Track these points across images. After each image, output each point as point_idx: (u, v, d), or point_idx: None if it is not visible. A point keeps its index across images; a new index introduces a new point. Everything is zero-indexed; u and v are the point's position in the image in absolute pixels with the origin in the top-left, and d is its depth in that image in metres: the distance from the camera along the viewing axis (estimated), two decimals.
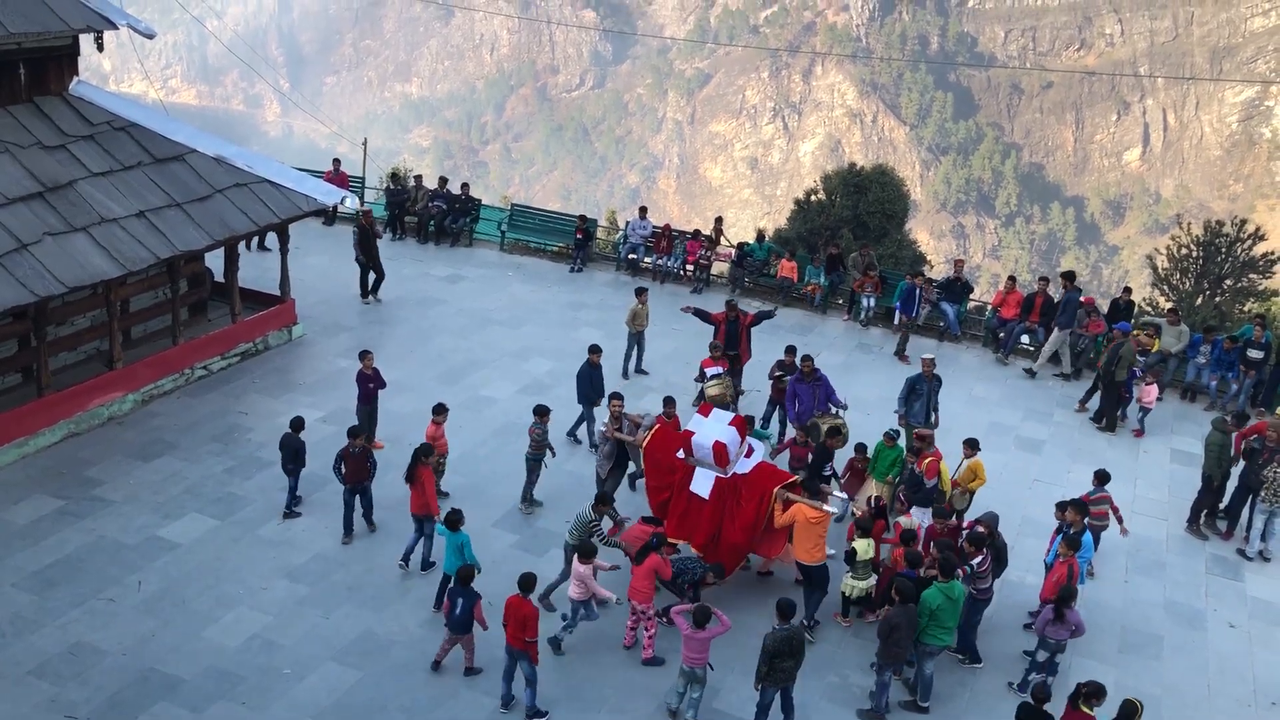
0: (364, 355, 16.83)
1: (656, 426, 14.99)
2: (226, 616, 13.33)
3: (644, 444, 14.78)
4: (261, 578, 14.06)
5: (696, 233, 25.13)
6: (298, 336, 20.93)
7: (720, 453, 13.95)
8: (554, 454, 16.04)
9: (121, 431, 17.26)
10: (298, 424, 15.25)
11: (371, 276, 22.67)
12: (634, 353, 20.19)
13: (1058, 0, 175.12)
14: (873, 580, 13.47)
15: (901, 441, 15.72)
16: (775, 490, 13.78)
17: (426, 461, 14.34)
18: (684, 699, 11.93)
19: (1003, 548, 13.52)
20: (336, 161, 27.21)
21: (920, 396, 17.10)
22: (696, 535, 14.09)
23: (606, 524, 13.86)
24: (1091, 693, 10.81)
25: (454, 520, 13.08)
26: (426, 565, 14.39)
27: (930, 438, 15.18)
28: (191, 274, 19.51)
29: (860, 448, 15.59)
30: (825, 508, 13.45)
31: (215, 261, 20.23)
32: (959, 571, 12.58)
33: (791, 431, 16.91)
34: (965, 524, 14.11)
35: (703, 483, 14.12)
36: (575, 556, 12.73)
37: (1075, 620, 12.36)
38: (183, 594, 13.67)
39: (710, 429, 14.21)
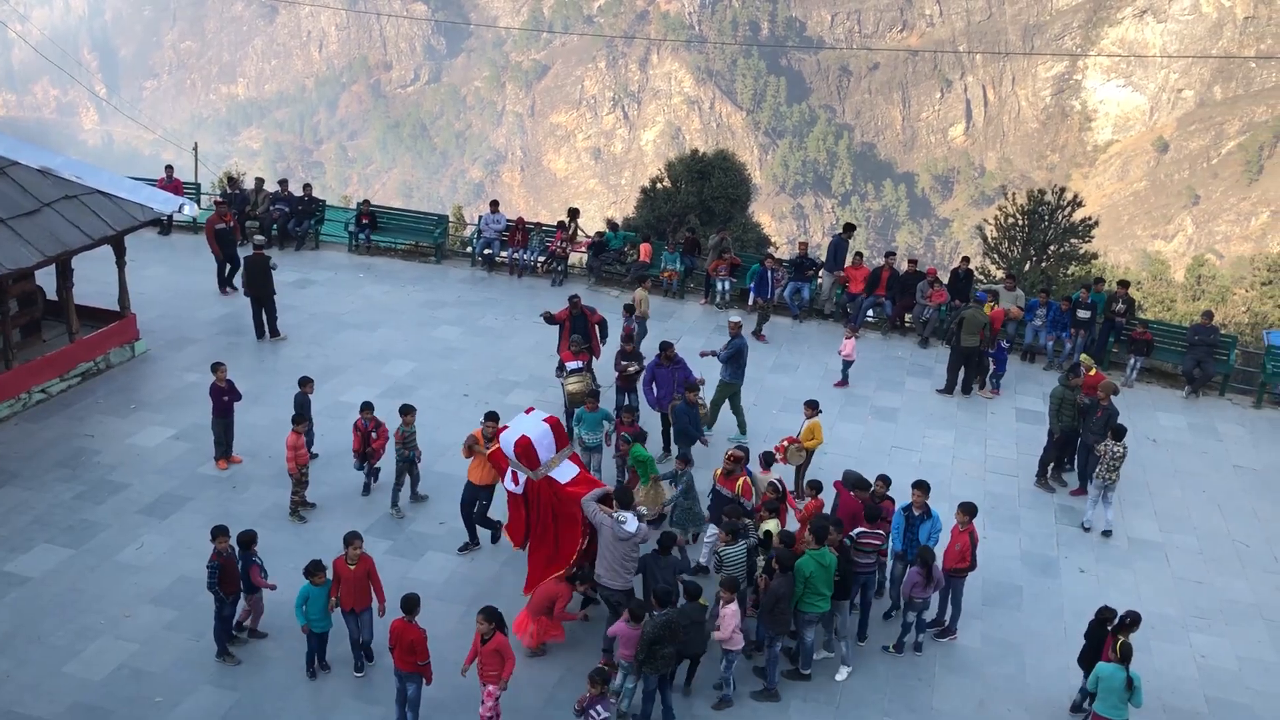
0: (216, 367, 16.26)
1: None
2: (88, 649, 12.73)
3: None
4: (123, 605, 13.46)
5: (561, 224, 25.11)
6: (141, 353, 20.05)
7: (524, 450, 13.12)
8: (419, 456, 15.79)
9: None
10: (305, 382, 16.20)
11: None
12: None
13: None
14: None
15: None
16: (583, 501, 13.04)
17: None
18: (625, 694, 11.98)
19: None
20: (169, 168, 26.15)
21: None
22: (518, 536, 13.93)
23: None
24: (1131, 622, 11.83)
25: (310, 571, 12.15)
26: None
27: (742, 459, 14.20)
28: (21, 293, 18.46)
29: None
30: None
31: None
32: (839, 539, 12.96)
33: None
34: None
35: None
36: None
37: (939, 576, 12.99)
38: (37, 629, 12.99)
39: (520, 425, 13.46)
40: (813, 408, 16.18)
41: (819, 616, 12.66)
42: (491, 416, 14.51)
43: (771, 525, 13.42)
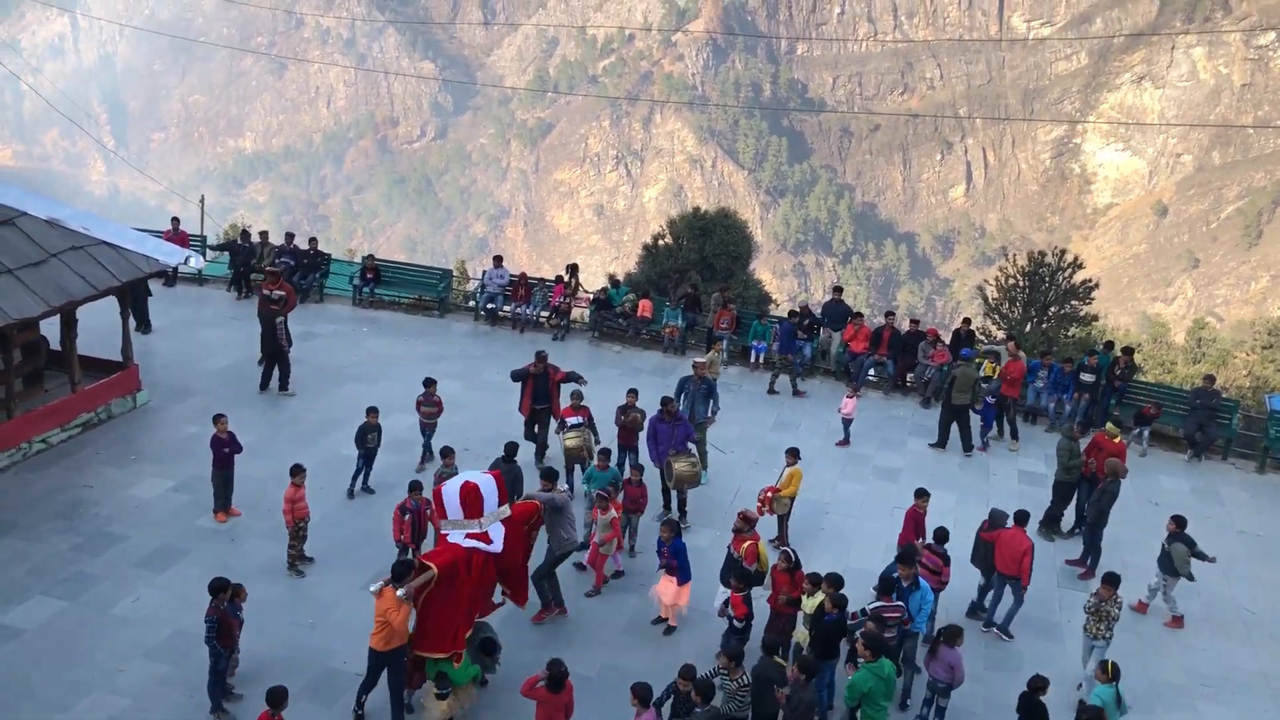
0: (218, 419, 16.24)
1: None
2: (80, 704, 12.55)
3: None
4: (117, 659, 13.30)
5: (559, 278, 25.28)
6: (143, 403, 20.04)
7: (470, 493, 12.85)
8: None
9: None
10: (371, 411, 17.09)
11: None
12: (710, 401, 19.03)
13: (881, 47, 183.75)
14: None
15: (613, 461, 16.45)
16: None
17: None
18: None
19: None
20: (175, 220, 26.34)
21: (687, 395, 18.09)
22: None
23: None
24: (1038, 687, 11.83)
25: None
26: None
27: (753, 520, 14.27)
28: (25, 343, 18.48)
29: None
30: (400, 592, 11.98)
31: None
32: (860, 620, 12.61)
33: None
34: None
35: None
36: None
37: (951, 661, 12.41)
38: (29, 683, 12.82)
39: (460, 478, 13.30)
40: (794, 455, 16.26)
41: None
42: (403, 567, 12.22)
43: (818, 600, 12.76)
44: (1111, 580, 13.59)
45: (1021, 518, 14.82)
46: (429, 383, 18.39)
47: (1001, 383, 20.80)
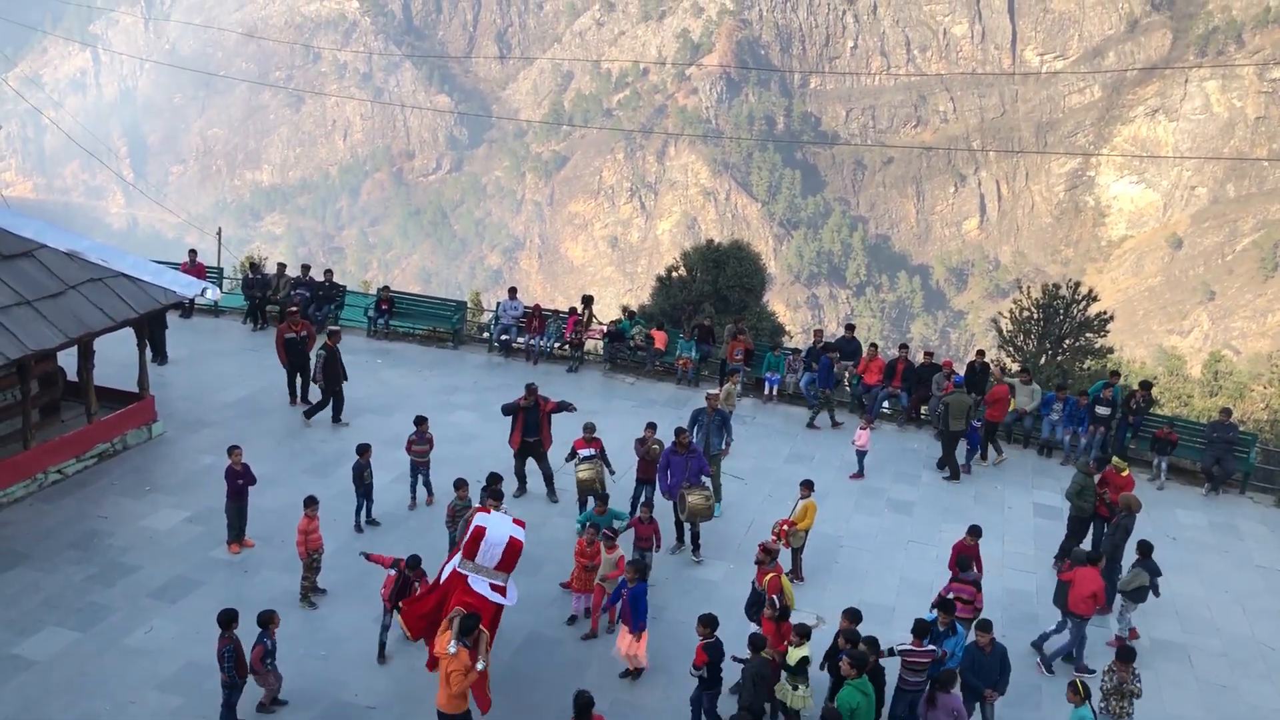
0: (232, 450, 16.31)
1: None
2: None
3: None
4: (130, 691, 13.29)
5: (572, 310, 25.37)
6: (158, 434, 20.13)
7: (514, 551, 13.07)
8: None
9: None
10: (362, 449, 17.03)
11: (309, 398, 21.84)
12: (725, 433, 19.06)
13: (894, 80, 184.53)
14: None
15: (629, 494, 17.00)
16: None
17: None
18: None
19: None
20: (193, 252, 26.56)
21: (700, 427, 18.00)
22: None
23: None
24: None
25: None
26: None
27: (775, 552, 14.11)
28: (43, 374, 18.62)
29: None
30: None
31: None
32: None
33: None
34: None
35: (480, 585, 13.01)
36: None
37: (953, 705, 12.12)
38: (42, 713, 12.83)
39: (502, 525, 13.26)
40: (808, 488, 16.21)
41: None
42: (472, 620, 12.03)
43: (804, 652, 12.55)
44: (1126, 656, 12.87)
45: (1095, 558, 14.89)
46: (420, 421, 18.19)
47: (987, 407, 20.87)
